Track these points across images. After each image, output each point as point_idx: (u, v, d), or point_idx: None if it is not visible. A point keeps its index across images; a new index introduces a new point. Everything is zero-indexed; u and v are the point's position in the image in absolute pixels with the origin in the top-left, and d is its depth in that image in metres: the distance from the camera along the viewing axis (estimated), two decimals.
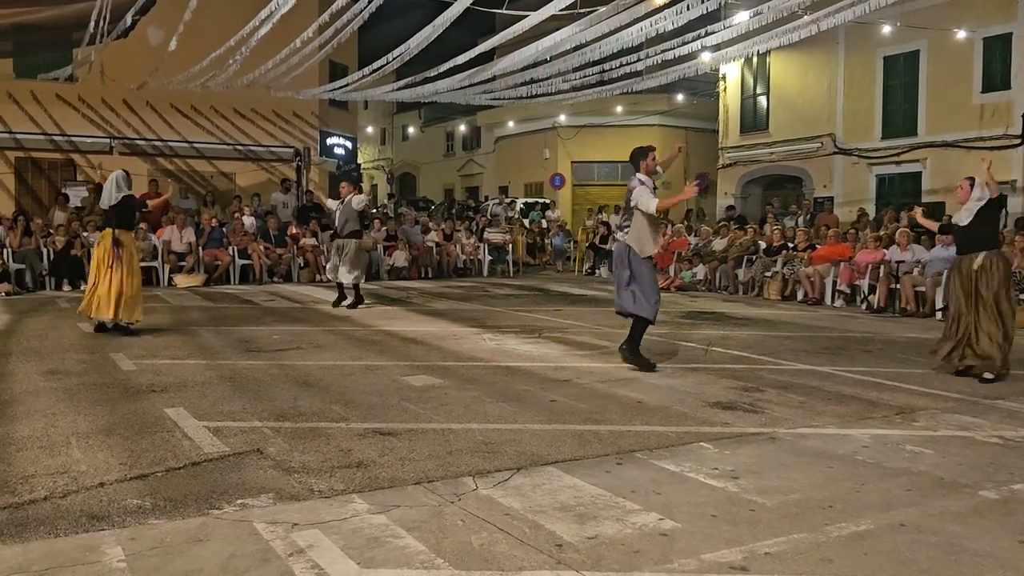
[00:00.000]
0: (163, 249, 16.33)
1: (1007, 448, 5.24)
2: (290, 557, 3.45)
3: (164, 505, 4.04)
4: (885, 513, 4.05)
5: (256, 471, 4.60)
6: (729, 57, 16.85)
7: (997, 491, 4.39)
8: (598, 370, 7.72)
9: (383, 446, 5.09)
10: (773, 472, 4.68)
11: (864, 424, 5.81)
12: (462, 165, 39.80)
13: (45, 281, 15.24)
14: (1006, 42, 18.26)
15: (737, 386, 7.04)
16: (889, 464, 4.85)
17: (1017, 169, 18.18)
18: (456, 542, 3.62)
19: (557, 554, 3.51)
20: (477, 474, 4.56)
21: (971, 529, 3.85)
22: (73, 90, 19.97)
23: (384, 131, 46.49)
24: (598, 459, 4.88)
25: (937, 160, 19.55)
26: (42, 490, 4.24)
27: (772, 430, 5.60)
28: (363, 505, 4.07)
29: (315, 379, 7.16)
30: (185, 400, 6.28)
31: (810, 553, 3.55)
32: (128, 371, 7.44)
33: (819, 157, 22.32)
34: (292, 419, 5.76)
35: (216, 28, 14.47)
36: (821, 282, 14.15)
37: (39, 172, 20.53)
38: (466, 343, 9.32)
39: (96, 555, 3.46)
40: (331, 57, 18.53)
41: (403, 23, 20.28)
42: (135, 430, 5.41)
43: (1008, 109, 18.32)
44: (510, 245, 20.78)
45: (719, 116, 25.47)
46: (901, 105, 20.54)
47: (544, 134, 30.93)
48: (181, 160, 21.59)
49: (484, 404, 6.26)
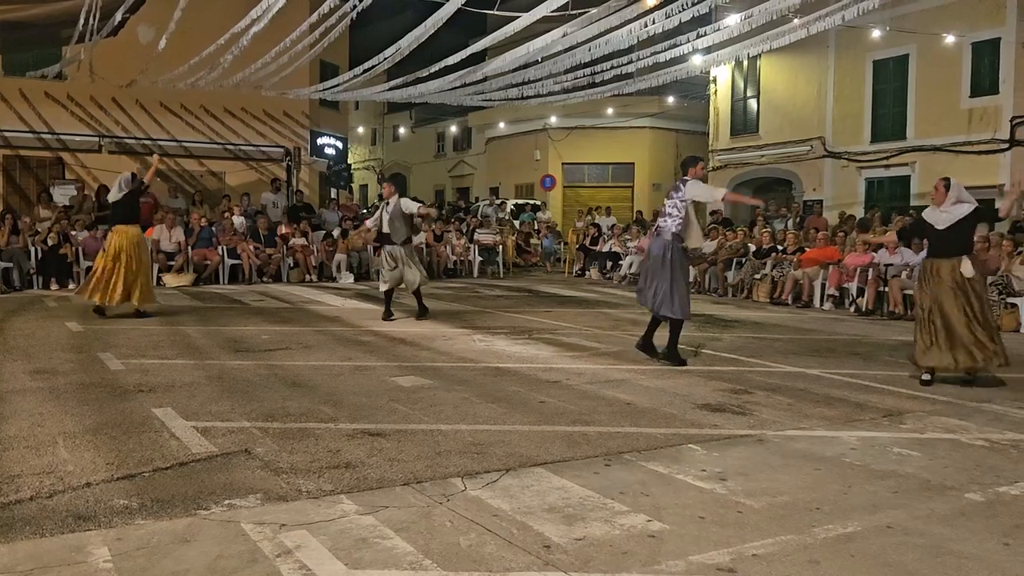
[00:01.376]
0: (152, 248, 16.24)
1: (993, 451, 5.27)
2: (278, 558, 3.44)
3: (151, 505, 4.03)
4: (872, 515, 4.07)
5: (244, 471, 4.58)
6: (720, 60, 16.91)
7: (983, 493, 4.42)
8: (588, 371, 7.72)
9: (372, 447, 5.08)
10: (761, 474, 4.70)
11: (852, 426, 5.83)
12: (453, 166, 39.77)
13: (33, 280, 15.16)
14: (994, 47, 18.37)
15: (726, 388, 7.05)
16: (876, 466, 4.88)
17: (1005, 173, 18.28)
18: (444, 543, 3.62)
19: (545, 555, 3.51)
20: (466, 475, 4.56)
21: (957, 531, 3.87)
22: (62, 88, 19.87)
23: (375, 131, 46.40)
24: (587, 460, 4.89)
25: (926, 164, 19.64)
26: (28, 490, 4.22)
27: (761, 432, 5.62)
28: (351, 506, 4.06)
29: (304, 379, 7.15)
30: (173, 400, 6.25)
31: (797, 555, 3.57)
32: (116, 371, 7.40)
33: (809, 160, 22.40)
34: (280, 419, 5.74)
35: (207, 27, 14.42)
36: (810, 285, 14.20)
37: (27, 170, 20.41)
38: (456, 344, 9.32)
39: (82, 555, 3.45)
40: (322, 57, 18.50)
41: (395, 23, 20.28)
42: (122, 430, 5.39)
43: (996, 114, 18.43)
44: (500, 246, 20.77)
45: (709, 118, 25.54)
46: (890, 109, 20.64)
47: (535, 135, 30.94)
48: (171, 159, 21.46)
49: (473, 405, 6.26)
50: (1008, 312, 11.45)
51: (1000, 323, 11.33)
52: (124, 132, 20.84)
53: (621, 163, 30.30)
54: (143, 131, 21.05)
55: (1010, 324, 11.31)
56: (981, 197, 19.57)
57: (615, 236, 20.18)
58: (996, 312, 11.49)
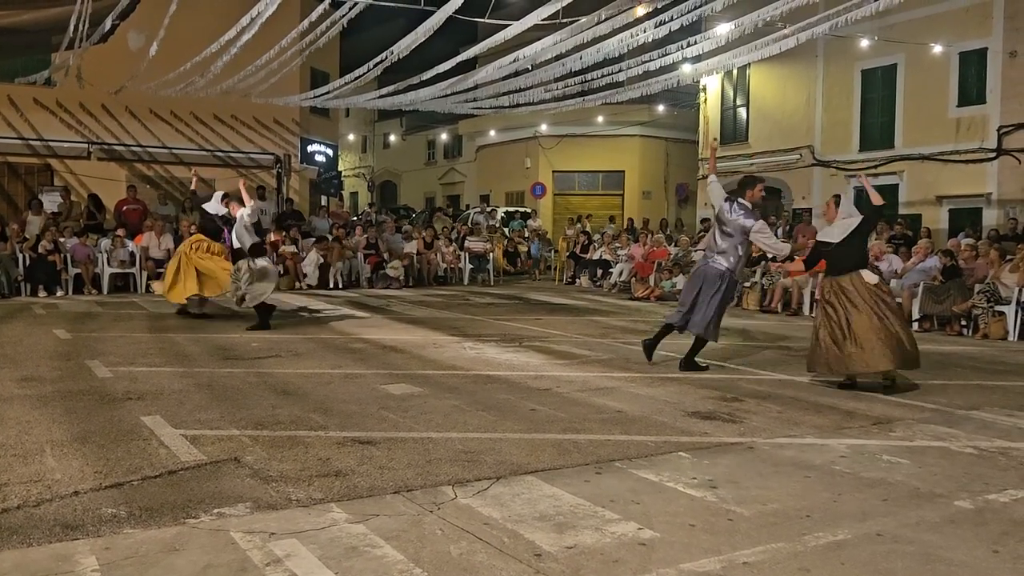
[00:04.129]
0: (141, 255, 16.21)
1: (982, 458, 5.29)
2: (267, 567, 3.43)
3: (139, 514, 4.00)
4: (862, 523, 4.07)
5: (233, 480, 4.56)
6: (709, 69, 16.98)
7: (972, 501, 4.43)
8: (578, 379, 7.72)
9: (362, 455, 5.06)
10: (751, 482, 4.70)
11: (841, 434, 5.85)
12: (443, 173, 39.78)
13: (20, 287, 15.07)
14: (982, 57, 18.53)
15: (716, 396, 7.06)
16: (866, 474, 4.89)
17: (992, 182, 18.43)
18: (435, 551, 3.61)
19: (536, 563, 3.51)
20: (456, 483, 4.55)
21: (946, 539, 3.88)
22: (51, 94, 19.78)
23: (365, 139, 46.40)
24: (577, 468, 4.88)
25: (914, 173, 19.78)
26: (15, 499, 4.19)
27: (751, 440, 5.63)
28: (341, 514, 4.05)
29: (294, 387, 7.12)
30: (162, 408, 6.22)
31: (788, 563, 3.57)
32: (104, 378, 7.36)
33: (798, 169, 22.52)
34: (270, 427, 5.72)
35: (197, 34, 14.40)
36: (799, 292, 14.25)
37: (16, 177, 20.30)
38: (446, 352, 9.30)
39: (70, 564, 3.42)
40: (313, 64, 18.50)
41: (385, 31, 20.30)
42: (111, 438, 5.35)
43: (983, 123, 18.57)
44: (491, 254, 20.78)
45: (699, 127, 25.63)
46: (879, 118, 20.78)
47: (525, 143, 30.99)
48: (160, 166, 21.41)
49: (464, 413, 6.25)
50: (996, 320, 11.50)
51: (988, 331, 11.42)
52: (114, 139, 20.76)
53: (611, 171, 30.38)
54: (133, 138, 20.98)
55: (998, 332, 11.37)
56: (969, 206, 19.69)
57: (605, 244, 20.21)
58: (984, 320, 11.57)
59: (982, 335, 11.48)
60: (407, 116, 39.46)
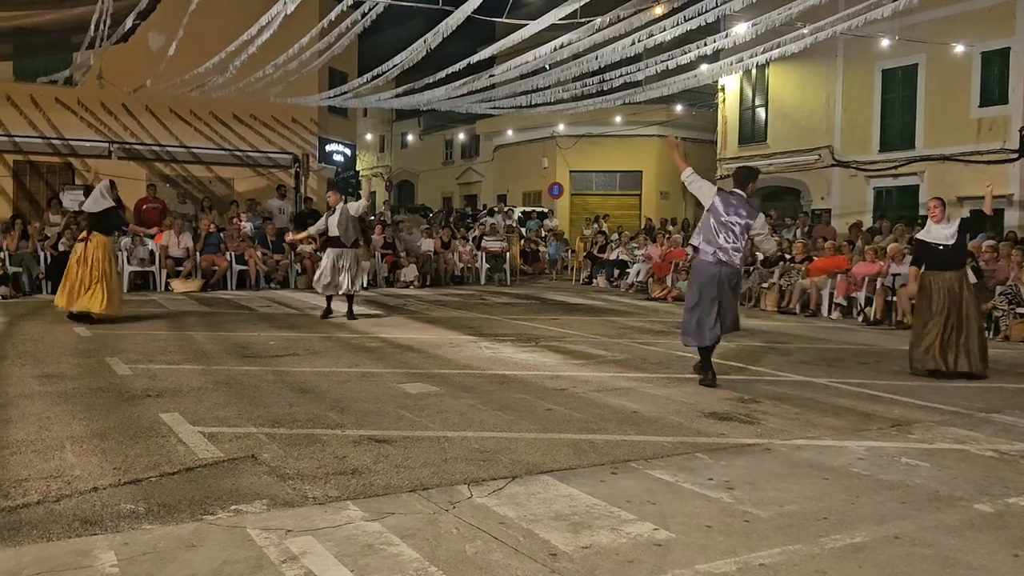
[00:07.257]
0: (160, 254, 16.31)
1: (1002, 461, 5.24)
2: (283, 564, 3.44)
3: (158, 510, 4.03)
4: (880, 525, 4.04)
5: (251, 477, 4.58)
6: (728, 69, 16.91)
7: (992, 505, 4.39)
8: (594, 379, 7.71)
9: (378, 453, 5.08)
10: (768, 483, 4.68)
11: (860, 436, 5.81)
12: (461, 173, 39.81)
13: (42, 285, 15.21)
14: (1004, 57, 18.33)
15: (733, 397, 7.03)
16: (884, 476, 4.85)
17: (1014, 183, 18.23)
18: (450, 550, 3.62)
19: (551, 563, 3.51)
20: (472, 482, 4.55)
21: (966, 542, 3.85)
22: (72, 94, 19.96)
23: (383, 138, 46.49)
24: (593, 468, 4.88)
25: (935, 173, 19.59)
26: (35, 494, 4.23)
27: (768, 441, 5.60)
28: (357, 512, 4.06)
29: (311, 385, 7.15)
30: (180, 405, 6.26)
31: (805, 565, 3.55)
32: (123, 375, 7.42)
33: (817, 169, 22.36)
34: (287, 425, 5.75)
35: (216, 33, 14.49)
36: (818, 294, 14.17)
37: (37, 175, 20.49)
38: (463, 351, 9.31)
39: (88, 559, 3.45)
40: (331, 64, 18.54)
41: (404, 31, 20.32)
42: (130, 435, 5.40)
43: (1005, 123, 18.38)
44: (507, 253, 20.79)
45: (718, 127, 25.52)
46: (899, 118, 20.60)
47: (543, 143, 30.97)
48: (179, 165, 21.55)
49: (480, 412, 6.26)
50: (1017, 322, 11.39)
51: (1010, 333, 11.32)
52: (134, 138, 20.92)
53: (629, 171, 30.30)
54: (152, 137, 21.13)
55: (1019, 334, 11.26)
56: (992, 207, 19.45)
57: (623, 244, 20.17)
58: (1005, 322, 11.47)
59: (1003, 337, 11.38)
60: (425, 116, 39.53)
